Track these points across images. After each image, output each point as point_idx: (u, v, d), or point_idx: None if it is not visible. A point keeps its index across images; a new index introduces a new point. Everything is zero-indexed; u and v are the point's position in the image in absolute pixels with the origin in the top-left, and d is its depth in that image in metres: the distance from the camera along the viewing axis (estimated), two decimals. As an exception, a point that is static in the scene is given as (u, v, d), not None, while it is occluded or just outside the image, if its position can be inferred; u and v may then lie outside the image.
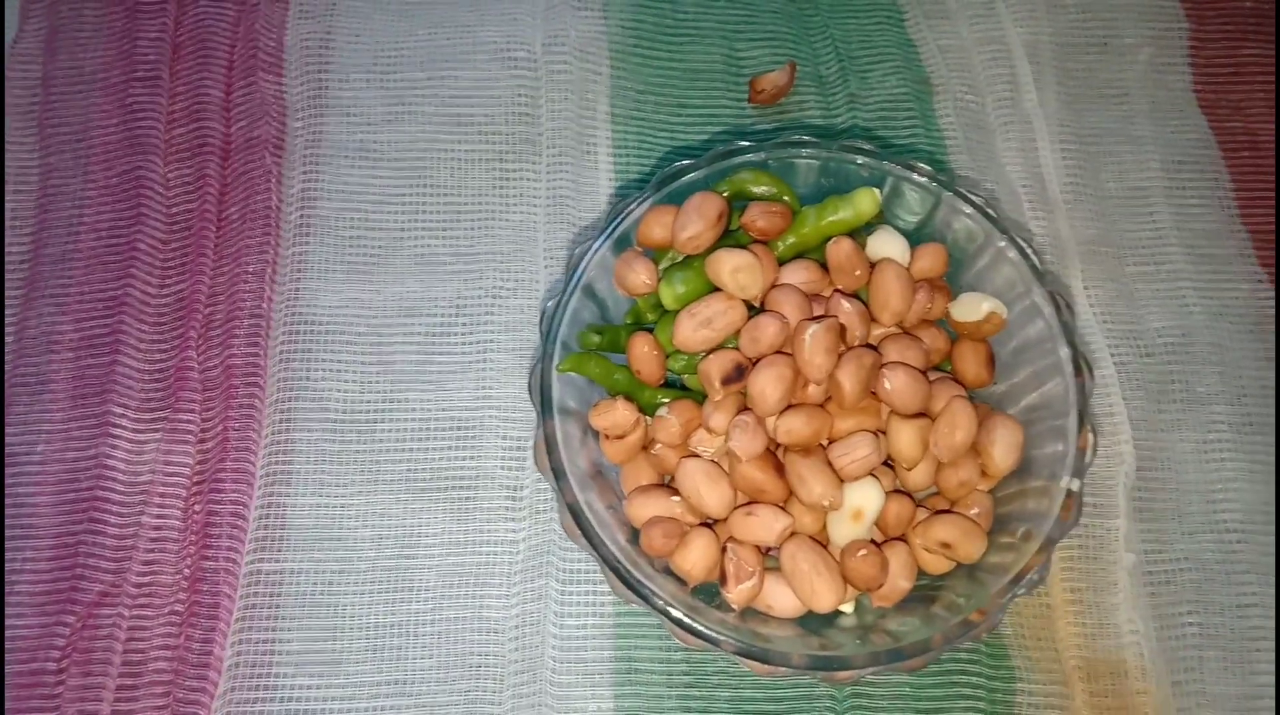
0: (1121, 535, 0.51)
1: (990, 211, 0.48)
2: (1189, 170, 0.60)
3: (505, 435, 0.53)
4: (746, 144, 0.49)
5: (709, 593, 0.45)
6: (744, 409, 0.45)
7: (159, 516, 0.51)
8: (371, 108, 0.60)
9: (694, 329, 0.46)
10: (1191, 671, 0.49)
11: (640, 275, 0.47)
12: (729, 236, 0.48)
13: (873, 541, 0.44)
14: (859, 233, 0.49)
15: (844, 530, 0.44)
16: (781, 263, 0.48)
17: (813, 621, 0.45)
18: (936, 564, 0.46)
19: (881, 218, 0.50)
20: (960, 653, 0.49)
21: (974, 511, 0.45)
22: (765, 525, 0.44)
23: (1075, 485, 0.44)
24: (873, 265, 0.47)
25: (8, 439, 0.52)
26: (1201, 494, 0.53)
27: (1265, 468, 0.53)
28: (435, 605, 0.50)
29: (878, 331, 0.48)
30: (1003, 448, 0.45)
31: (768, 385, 0.44)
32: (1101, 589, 0.51)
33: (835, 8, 0.64)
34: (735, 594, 0.44)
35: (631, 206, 0.48)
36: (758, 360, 0.45)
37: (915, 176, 0.49)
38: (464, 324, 0.55)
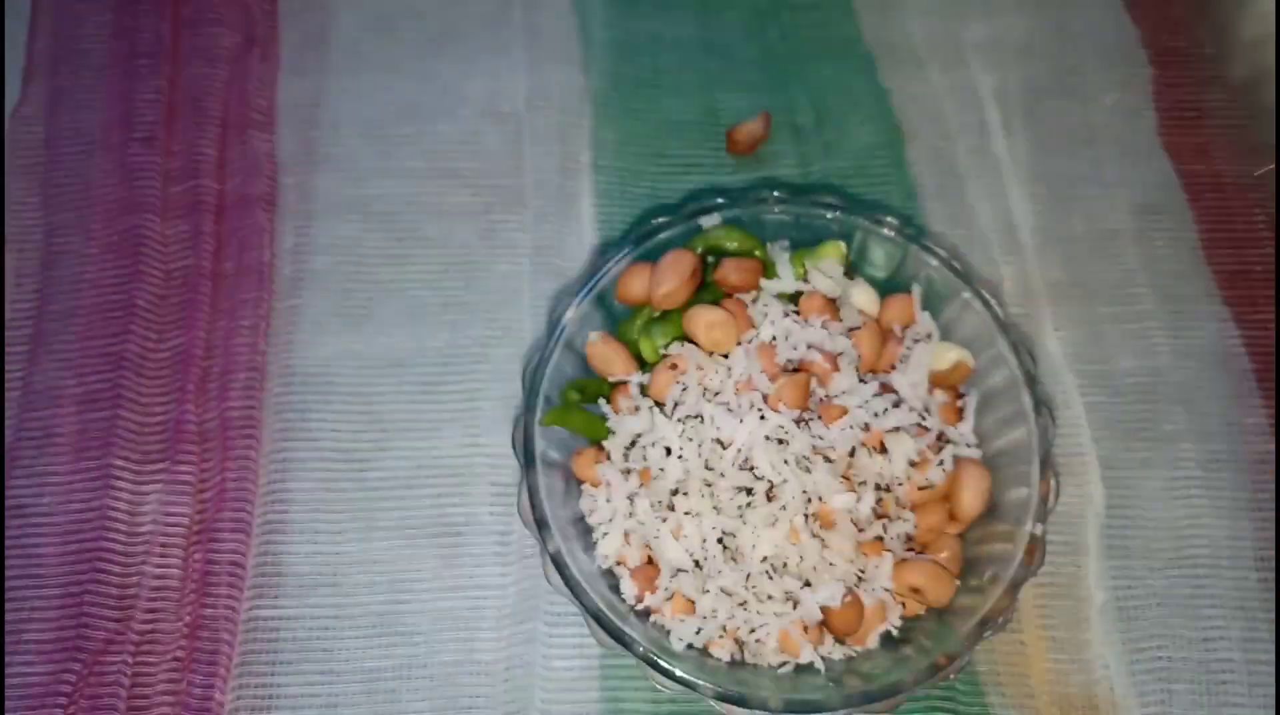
0: (1092, 573, 0.53)
1: (956, 264, 0.50)
2: (1155, 212, 0.62)
3: (494, 481, 0.54)
4: (720, 201, 0.51)
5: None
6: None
7: (160, 566, 0.52)
8: (360, 162, 0.62)
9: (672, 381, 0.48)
10: (1161, 705, 0.51)
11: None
12: (704, 290, 0.50)
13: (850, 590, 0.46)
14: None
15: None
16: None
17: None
18: (908, 606, 0.47)
19: (851, 269, 0.52)
20: (935, 690, 0.50)
21: (943, 555, 0.47)
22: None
23: (1038, 530, 0.45)
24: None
25: (17, 491, 0.54)
26: (1169, 530, 0.54)
27: (1231, 504, 0.55)
28: (428, 648, 0.51)
29: (849, 381, 0.49)
30: (970, 492, 0.47)
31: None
32: (1073, 625, 0.52)
33: (809, 58, 0.66)
34: None
35: (610, 264, 0.50)
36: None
37: (883, 230, 0.51)
38: (453, 373, 0.57)
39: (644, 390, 0.49)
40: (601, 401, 0.49)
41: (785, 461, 0.45)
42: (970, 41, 0.67)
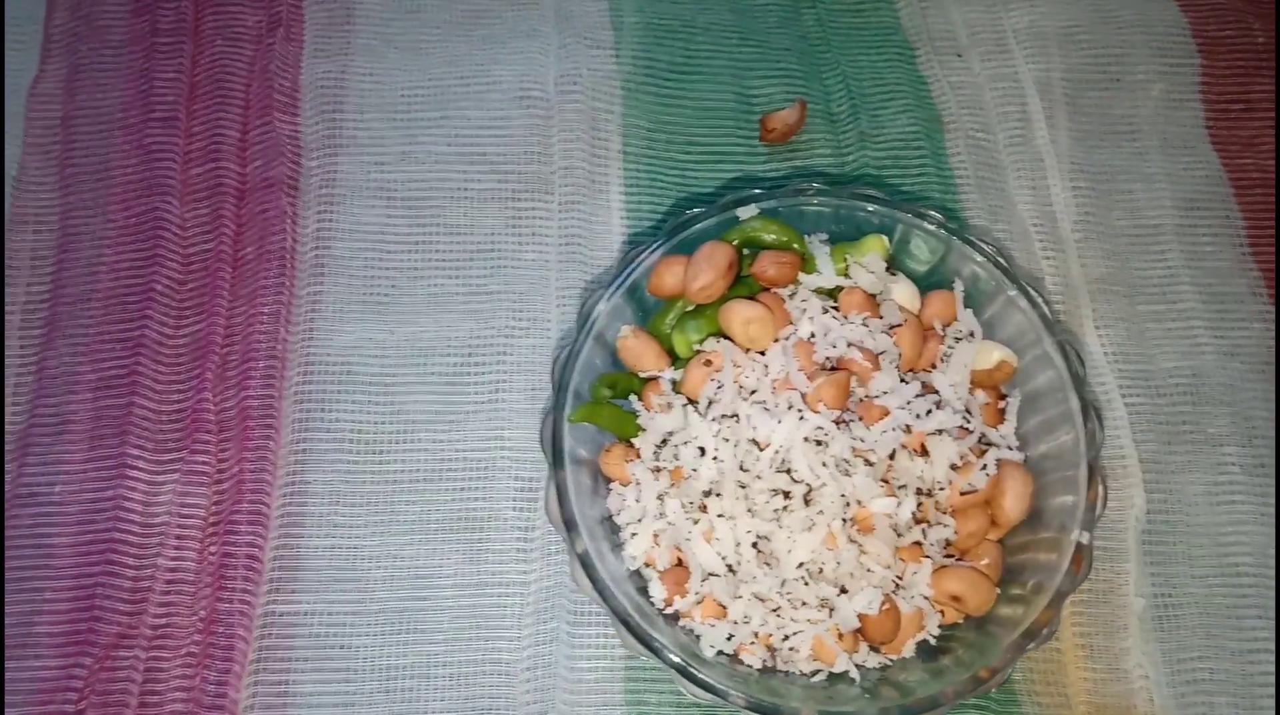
0: (1131, 579, 0.51)
1: (1000, 260, 0.48)
2: (1201, 207, 0.60)
3: (517, 476, 0.53)
4: (757, 192, 0.49)
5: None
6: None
7: (175, 558, 0.51)
8: (386, 146, 0.60)
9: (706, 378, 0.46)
10: (1202, 718, 0.49)
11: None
12: (740, 283, 0.49)
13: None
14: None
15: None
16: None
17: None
18: (946, 615, 0.46)
19: (892, 264, 0.50)
20: (969, 699, 0.49)
21: (984, 562, 0.46)
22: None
23: (1085, 538, 0.44)
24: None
25: (30, 479, 0.53)
26: (1212, 537, 0.53)
27: (1277, 510, 0.53)
28: (448, 647, 0.50)
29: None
30: (1013, 497, 0.46)
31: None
32: (1111, 633, 0.51)
33: (846, 44, 0.64)
34: None
35: (642, 256, 0.48)
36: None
37: (925, 224, 0.49)
38: (477, 364, 0.56)
39: (676, 387, 0.48)
40: (632, 398, 0.48)
41: (824, 464, 0.43)
42: (1012, 29, 0.65)
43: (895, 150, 0.60)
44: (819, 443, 0.44)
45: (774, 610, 0.44)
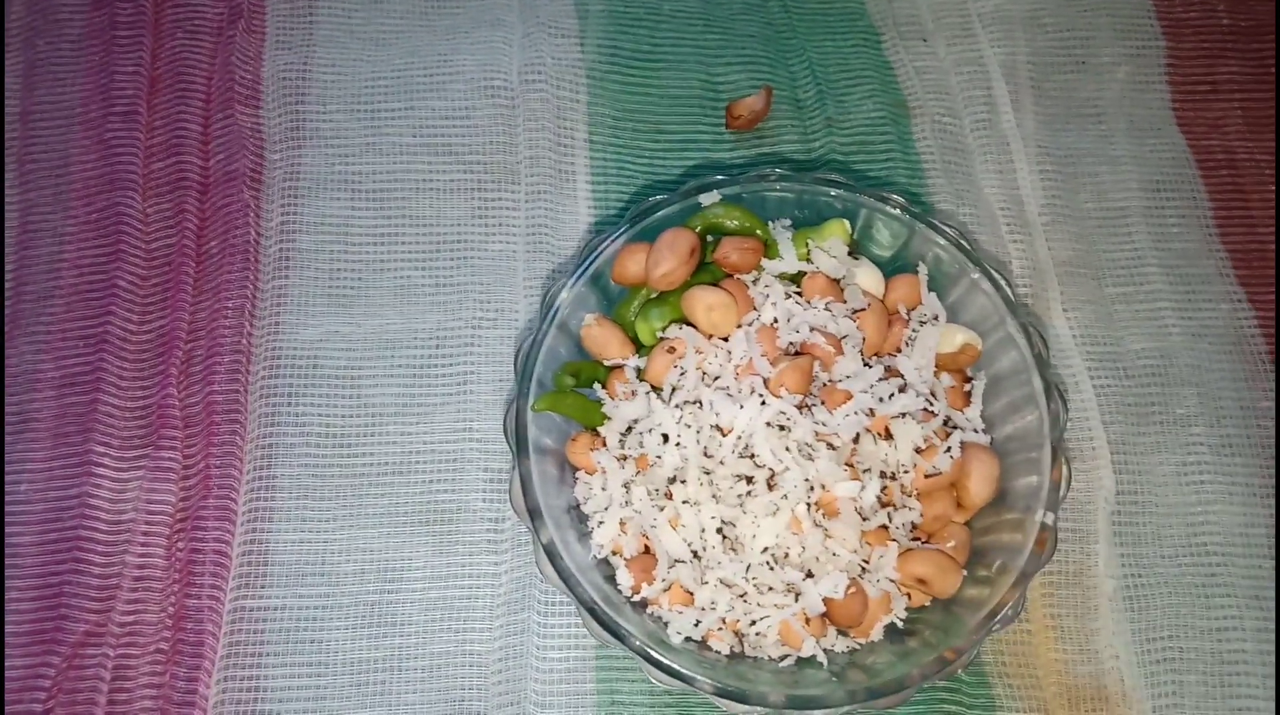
0: (1101, 560, 0.52)
1: (964, 243, 0.48)
2: (1167, 189, 0.60)
3: (486, 467, 0.53)
4: (719, 178, 0.49)
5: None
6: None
7: (142, 555, 0.51)
8: (350, 138, 0.60)
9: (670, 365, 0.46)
10: (1172, 696, 0.49)
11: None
12: (703, 270, 0.49)
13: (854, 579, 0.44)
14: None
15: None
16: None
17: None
18: (913, 597, 0.46)
19: (855, 249, 0.50)
20: (939, 681, 0.49)
21: (950, 545, 0.46)
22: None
23: (1049, 519, 0.44)
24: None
25: (-7, 478, 0.52)
26: (1181, 517, 0.53)
27: (1244, 489, 0.53)
28: (419, 639, 0.50)
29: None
30: (978, 479, 0.46)
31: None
32: (1082, 614, 0.51)
33: (812, 31, 0.64)
34: None
35: (605, 244, 0.48)
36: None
37: (888, 208, 0.49)
38: (445, 355, 0.55)
39: (640, 374, 0.47)
40: (597, 386, 0.48)
41: (787, 449, 0.43)
42: (978, 13, 0.65)
43: (862, 136, 0.60)
44: (782, 427, 0.44)
45: (740, 596, 0.44)
